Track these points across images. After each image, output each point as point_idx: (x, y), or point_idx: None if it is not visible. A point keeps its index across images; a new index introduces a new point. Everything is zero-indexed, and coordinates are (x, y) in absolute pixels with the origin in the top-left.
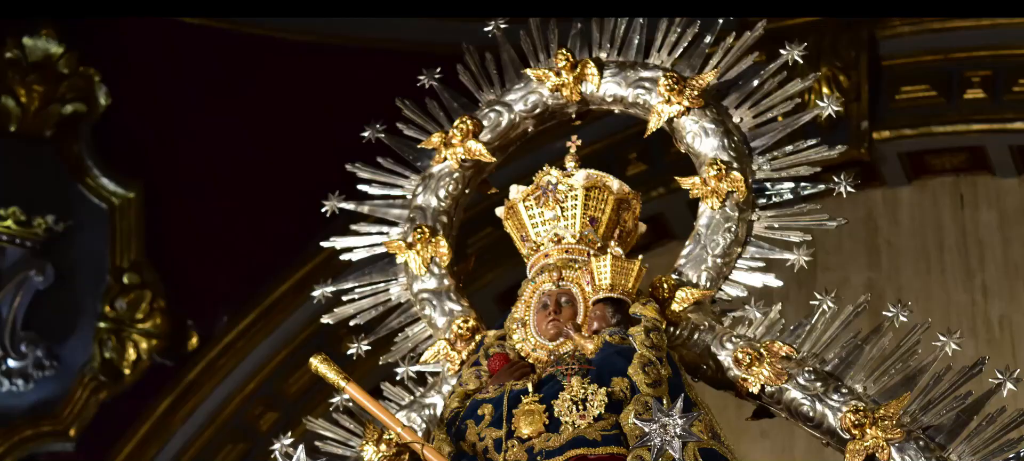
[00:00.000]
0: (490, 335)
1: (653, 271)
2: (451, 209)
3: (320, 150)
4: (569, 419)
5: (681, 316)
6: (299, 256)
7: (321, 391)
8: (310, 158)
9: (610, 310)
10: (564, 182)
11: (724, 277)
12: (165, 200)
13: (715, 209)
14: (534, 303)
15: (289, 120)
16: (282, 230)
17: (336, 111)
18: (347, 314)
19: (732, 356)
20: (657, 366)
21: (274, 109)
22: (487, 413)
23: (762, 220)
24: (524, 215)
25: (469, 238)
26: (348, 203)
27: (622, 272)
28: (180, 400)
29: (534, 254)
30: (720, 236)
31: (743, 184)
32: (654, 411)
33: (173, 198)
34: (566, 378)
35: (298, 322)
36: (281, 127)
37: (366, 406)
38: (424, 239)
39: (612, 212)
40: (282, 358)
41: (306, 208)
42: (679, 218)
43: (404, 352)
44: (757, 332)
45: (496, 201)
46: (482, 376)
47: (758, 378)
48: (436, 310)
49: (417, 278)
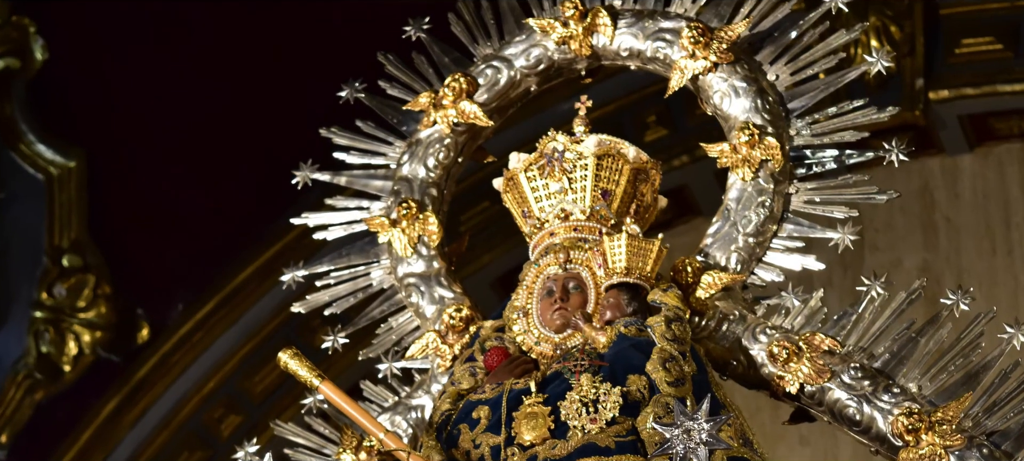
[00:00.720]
0: (486, 326)
1: (675, 252)
2: (441, 181)
3: (290, 112)
4: (578, 423)
5: (707, 304)
6: (265, 235)
7: (291, 391)
8: (278, 121)
9: (625, 297)
10: (572, 149)
11: (757, 259)
12: (111, 170)
13: (747, 181)
14: (537, 289)
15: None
16: (246, 205)
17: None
18: (321, 302)
19: (766, 350)
20: (680, 362)
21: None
22: (483, 416)
23: (801, 193)
24: (526, 188)
25: (462, 214)
26: (322, 173)
27: (639, 253)
28: (128, 401)
29: (537, 233)
30: (752, 212)
31: (779, 151)
32: (676, 414)
33: (120, 168)
34: (574, 376)
35: (265, 311)
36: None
37: (343, 408)
38: (410, 215)
39: (627, 184)
40: (246, 352)
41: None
42: (705, 191)
43: (387, 346)
44: (795, 323)
45: (494, 171)
46: (477, 373)
47: (796, 376)
48: (424, 297)
49: (402, 260)
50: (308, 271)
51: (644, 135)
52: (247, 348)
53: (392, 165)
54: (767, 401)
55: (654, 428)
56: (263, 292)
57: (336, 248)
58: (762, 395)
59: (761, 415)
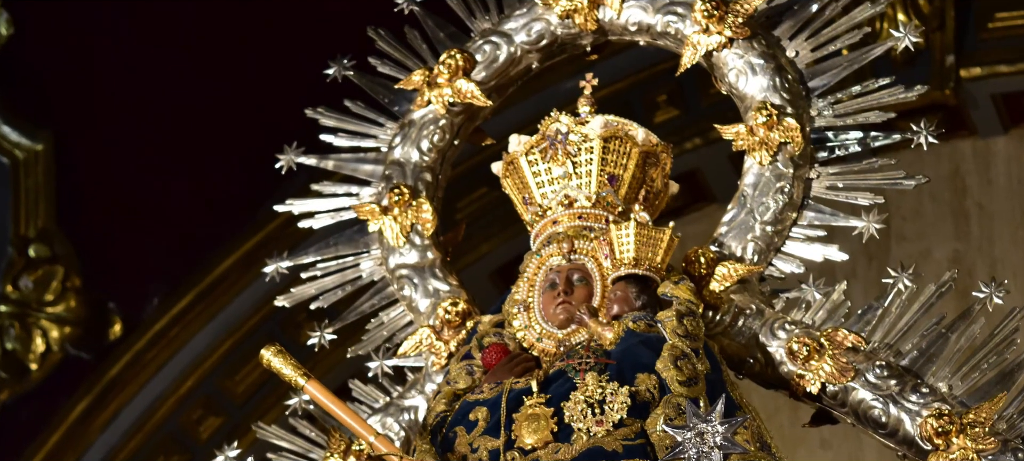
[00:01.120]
0: (485, 321)
1: (687, 242)
2: (436, 165)
3: (273, 91)
4: (583, 425)
5: (722, 298)
6: (247, 223)
7: (275, 391)
8: (261, 101)
9: (634, 290)
10: (577, 131)
11: (776, 249)
12: (81, 154)
13: (764, 165)
14: (539, 281)
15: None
16: (226, 191)
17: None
18: (307, 295)
19: (786, 347)
20: (692, 360)
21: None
22: (481, 418)
23: (823, 178)
24: (527, 172)
25: (459, 201)
26: (308, 157)
27: (649, 243)
28: (99, 402)
29: (539, 221)
30: (771, 198)
31: (799, 133)
32: (688, 415)
33: (91, 151)
34: (579, 375)
35: (246, 305)
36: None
37: (330, 409)
38: (403, 202)
39: (636, 168)
40: (226, 349)
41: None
42: (719, 176)
43: (378, 342)
44: (816, 317)
45: (492, 155)
46: (475, 372)
47: (818, 374)
48: (417, 290)
49: (394, 250)
50: (293, 262)
51: (654, 116)
52: (227, 345)
53: (383, 148)
54: (786, 402)
55: (665, 430)
56: (244, 284)
57: (323, 237)
58: (781, 395)
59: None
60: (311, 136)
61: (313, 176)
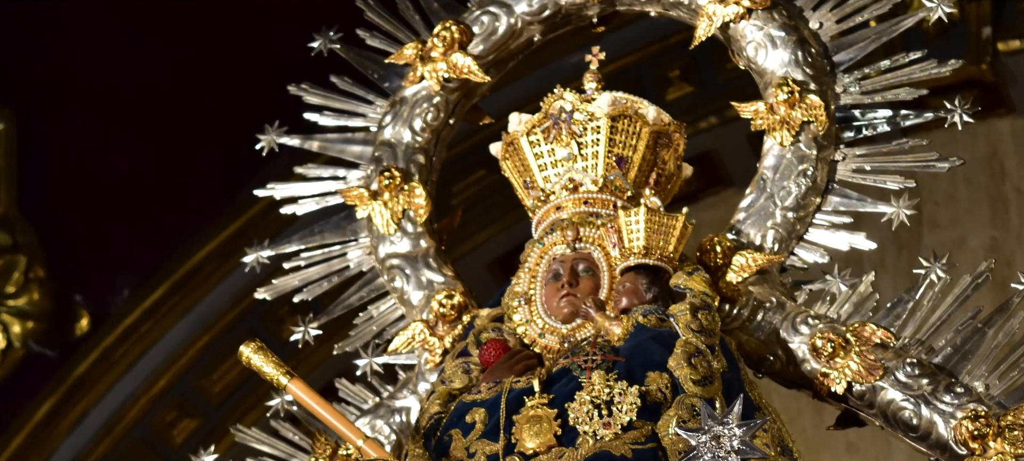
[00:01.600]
0: (482, 315)
1: (702, 229)
2: (430, 146)
3: (253, 67)
4: (589, 428)
5: (740, 290)
6: (225, 209)
7: (255, 391)
8: (239, 77)
9: (644, 281)
10: (582, 110)
11: (798, 237)
12: (45, 134)
13: (786, 146)
14: (542, 272)
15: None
16: (202, 175)
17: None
18: (290, 287)
19: (809, 343)
20: (707, 357)
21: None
22: (479, 420)
23: (849, 160)
24: (529, 154)
25: (454, 185)
26: (291, 137)
27: (660, 230)
28: (65, 402)
29: (542, 206)
30: (792, 182)
31: (823, 112)
32: (703, 417)
33: (56, 132)
34: (585, 373)
35: (224, 298)
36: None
37: (315, 411)
38: (394, 186)
39: (647, 150)
40: (202, 346)
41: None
42: (737, 158)
43: (367, 338)
44: (842, 311)
45: (491, 135)
46: (472, 371)
47: (843, 373)
48: (410, 281)
49: (384, 239)
50: (274, 251)
51: (666, 93)
52: (203, 341)
53: (372, 128)
54: (809, 402)
55: (677, 434)
56: (222, 276)
57: (307, 225)
58: (803, 396)
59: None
60: (294, 115)
61: (296, 158)
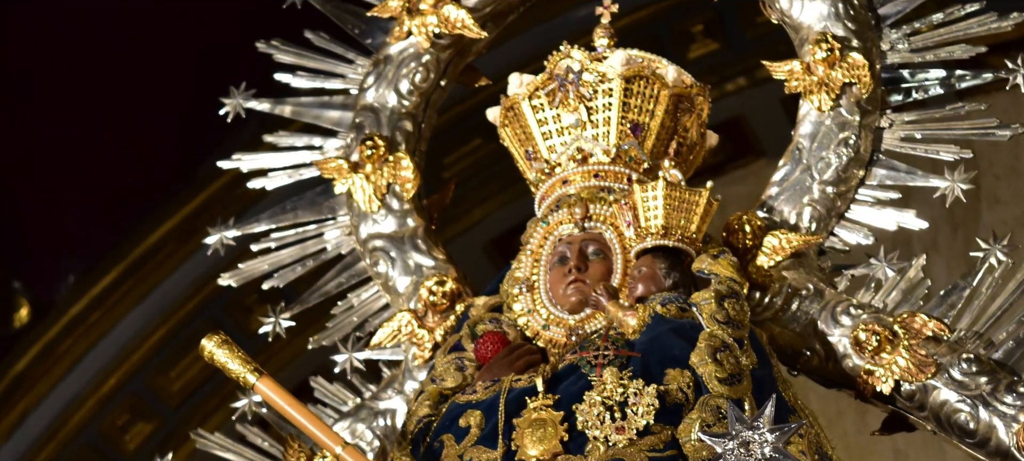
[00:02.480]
0: (478, 304)
1: (729, 206)
2: (418, 111)
3: (216, 21)
4: (600, 433)
5: (772, 275)
6: (184, 184)
7: (219, 390)
8: (201, 34)
9: (663, 266)
10: (592, 70)
11: (838, 216)
12: None
13: (825, 111)
14: (547, 255)
15: None
16: (158, 144)
17: None
18: (259, 272)
19: (851, 337)
20: (735, 352)
21: None
22: (474, 424)
23: (897, 127)
24: (531, 120)
25: (446, 156)
26: (260, 102)
27: (681, 207)
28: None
29: (547, 180)
30: (832, 152)
31: (867, 72)
32: (730, 421)
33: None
34: (595, 370)
35: (183, 285)
36: None
37: (287, 413)
38: (377, 156)
39: (666, 115)
40: (158, 339)
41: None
42: (769, 124)
43: (346, 331)
44: (889, 300)
45: (488, 99)
46: (466, 367)
47: (890, 370)
48: (395, 266)
49: (366, 217)
50: (241, 231)
51: (688, 50)
52: (160, 333)
53: (353, 90)
54: (851, 404)
55: (701, 440)
56: (181, 259)
57: (278, 201)
58: (845, 396)
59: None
60: (264, 76)
61: (266, 125)
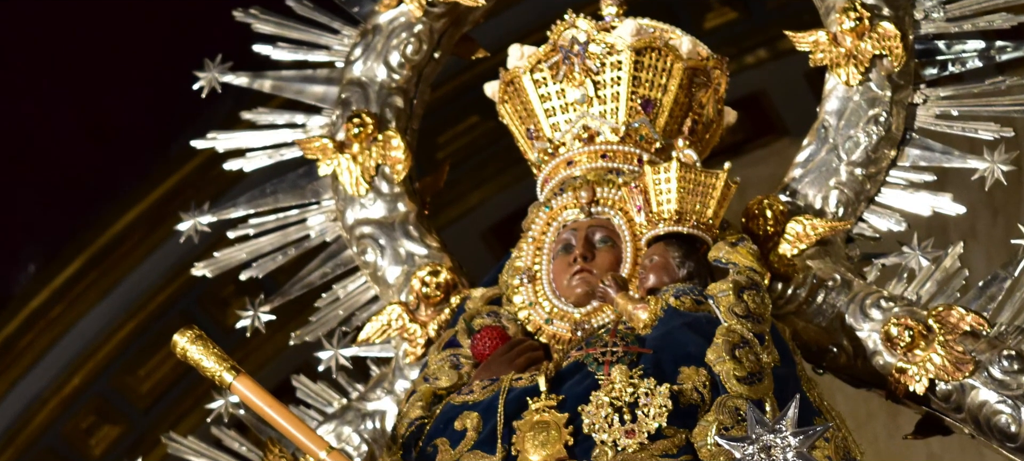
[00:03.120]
0: (475, 296)
1: (749, 189)
2: (410, 86)
3: None
4: (608, 436)
5: (796, 265)
6: (154, 166)
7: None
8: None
9: (677, 255)
10: (600, 40)
11: (868, 200)
12: None
13: (853, 85)
14: (550, 243)
15: None
16: (124, 121)
17: None
18: (236, 261)
19: (882, 332)
20: (755, 348)
21: None
22: (471, 427)
23: (932, 104)
24: (533, 96)
25: (440, 134)
26: (238, 75)
27: (697, 190)
28: None
29: (550, 161)
30: (861, 131)
31: (899, 43)
32: (750, 423)
33: None
34: (603, 368)
35: (153, 275)
36: None
37: (267, 415)
38: (365, 135)
39: (680, 90)
40: (126, 335)
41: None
42: (791, 100)
43: (331, 325)
44: (923, 291)
45: (486, 73)
46: (462, 365)
47: (925, 368)
48: (385, 254)
49: (354, 201)
50: (216, 217)
51: (704, 19)
52: (128, 328)
53: (339, 63)
54: (882, 405)
55: (718, 444)
56: (151, 247)
57: (257, 184)
58: (875, 397)
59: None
60: (241, 47)
61: (243, 101)
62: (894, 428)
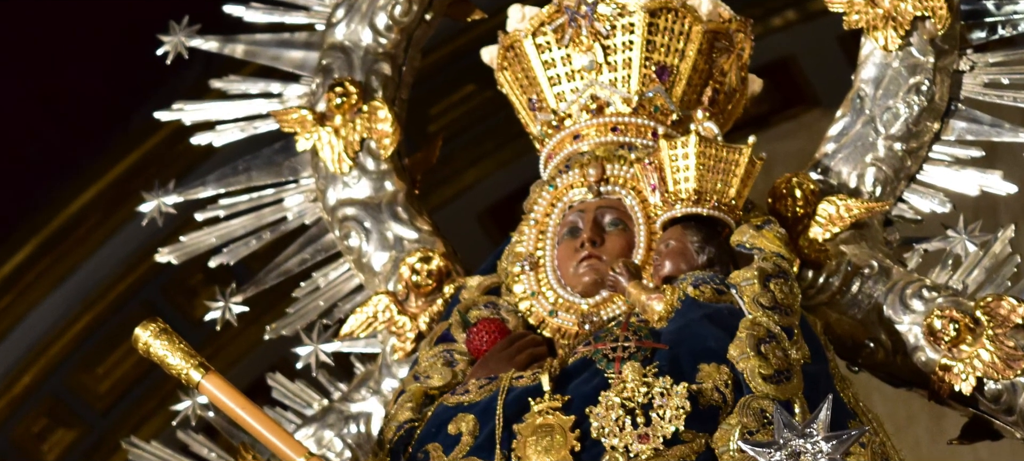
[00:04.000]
0: (471, 286)
1: (775, 166)
2: (399, 51)
3: None
4: (619, 441)
5: (829, 250)
6: (113, 140)
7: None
8: None
9: (696, 239)
10: (610, 1)
11: (908, 177)
12: None
13: (892, 50)
14: (555, 226)
15: None
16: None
17: None
18: (205, 247)
19: (924, 325)
20: (783, 343)
21: None
22: (466, 430)
23: (979, 71)
24: (536, 62)
25: (433, 106)
26: (207, 39)
27: (718, 168)
28: None
29: (554, 134)
30: (900, 101)
31: (944, 3)
32: (777, 427)
33: None
34: (614, 365)
35: (112, 262)
36: None
37: (239, 417)
38: (349, 106)
39: (699, 56)
40: (83, 328)
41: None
42: (823, 67)
43: (311, 317)
44: (970, 280)
45: (483, 36)
46: (457, 362)
47: (971, 366)
48: (370, 239)
49: (336, 179)
50: (183, 197)
51: None
52: (84, 321)
53: (319, 25)
54: (924, 406)
55: (742, 450)
56: (109, 231)
57: (229, 160)
58: (916, 397)
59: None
60: (211, 8)
61: (213, 68)
62: (938, 432)
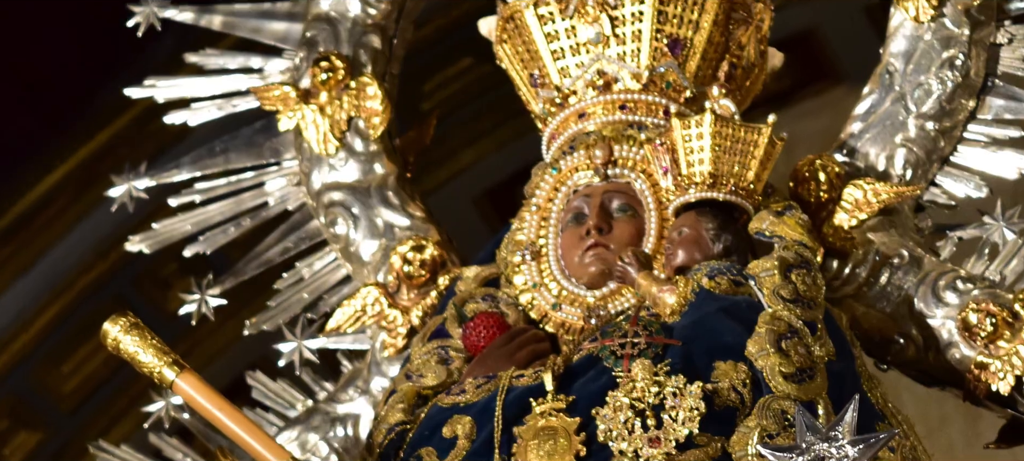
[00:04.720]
0: (467, 277)
1: (798, 147)
2: (390, 23)
3: None
4: (628, 445)
5: (855, 238)
6: (79, 118)
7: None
8: None
9: (711, 226)
10: None
11: (941, 159)
12: None
13: (923, 22)
14: (558, 212)
15: None
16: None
17: None
18: (179, 234)
19: (958, 319)
20: (805, 339)
21: None
22: (463, 433)
23: (1018, 44)
24: (538, 35)
25: (426, 82)
26: (180, 9)
27: (735, 149)
28: None
29: (558, 112)
30: (933, 77)
31: None
32: (799, 429)
33: None
34: (622, 363)
35: (79, 251)
36: None
37: (216, 419)
38: (335, 82)
39: (714, 28)
40: (47, 323)
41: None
42: (848, 40)
43: (294, 311)
44: (1007, 270)
45: (480, 7)
46: (452, 360)
47: (1010, 364)
48: (359, 226)
49: (321, 162)
50: (156, 181)
51: None
52: (49, 315)
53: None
54: (958, 406)
55: (761, 454)
56: (76, 217)
57: (205, 141)
58: (950, 397)
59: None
60: None
61: (188, 40)
62: (973, 435)
